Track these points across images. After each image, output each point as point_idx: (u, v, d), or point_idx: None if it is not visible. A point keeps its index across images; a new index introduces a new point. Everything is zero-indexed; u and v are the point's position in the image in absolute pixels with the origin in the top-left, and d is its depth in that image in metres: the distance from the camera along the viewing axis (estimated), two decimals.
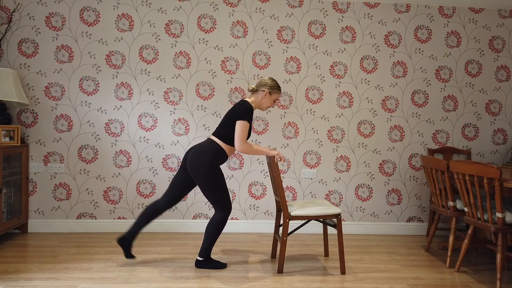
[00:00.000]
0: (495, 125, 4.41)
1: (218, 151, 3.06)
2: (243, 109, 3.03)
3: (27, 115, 4.04)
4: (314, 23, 4.25)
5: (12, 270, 3.04)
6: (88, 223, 4.11)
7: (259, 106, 3.21)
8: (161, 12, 4.12)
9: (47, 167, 4.07)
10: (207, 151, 3.03)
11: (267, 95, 3.16)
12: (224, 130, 3.08)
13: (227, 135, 3.07)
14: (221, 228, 3.09)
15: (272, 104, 3.23)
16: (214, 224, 3.07)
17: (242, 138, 3.02)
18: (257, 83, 3.20)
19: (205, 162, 3.00)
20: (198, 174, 3.02)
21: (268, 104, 3.21)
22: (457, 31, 4.35)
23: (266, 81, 3.16)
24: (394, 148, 4.34)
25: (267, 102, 3.20)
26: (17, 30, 4.01)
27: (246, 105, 3.06)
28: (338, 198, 4.32)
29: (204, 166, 3.00)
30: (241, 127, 3.01)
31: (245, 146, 3.03)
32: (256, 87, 3.18)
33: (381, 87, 4.31)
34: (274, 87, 3.17)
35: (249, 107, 3.05)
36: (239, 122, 3.01)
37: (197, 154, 3.04)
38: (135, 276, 2.98)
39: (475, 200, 3.30)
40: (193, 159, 3.04)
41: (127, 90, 4.12)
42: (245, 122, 3.01)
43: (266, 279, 2.99)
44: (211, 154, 3.02)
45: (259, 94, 3.18)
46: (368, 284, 2.94)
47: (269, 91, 3.15)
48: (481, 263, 3.48)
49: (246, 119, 3.01)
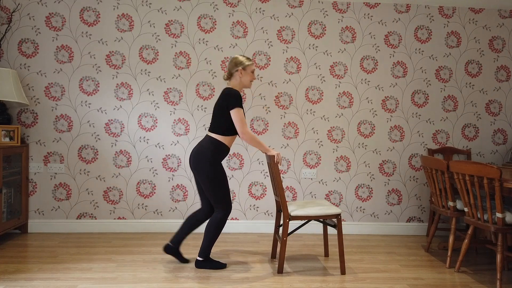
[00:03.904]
0: (495, 125, 4.41)
1: (217, 145, 3.07)
2: (231, 98, 3.03)
3: (27, 115, 4.04)
4: (314, 23, 4.25)
5: (12, 270, 3.04)
6: (88, 223, 4.11)
7: (242, 86, 3.20)
8: (161, 12, 4.12)
9: (47, 167, 4.07)
10: (207, 148, 3.05)
11: (242, 72, 3.15)
12: (219, 122, 3.09)
13: (223, 126, 3.08)
14: (220, 228, 3.10)
15: (253, 77, 3.21)
16: (214, 223, 3.08)
17: (243, 125, 3.03)
18: (228, 68, 3.21)
19: (208, 159, 3.03)
20: (201, 172, 3.04)
21: (248, 79, 3.18)
22: (457, 31, 4.35)
23: (235, 61, 3.16)
24: (394, 148, 4.34)
25: (246, 78, 3.17)
26: (17, 30, 4.01)
27: (233, 92, 3.06)
28: (338, 198, 4.32)
29: (207, 164, 3.02)
30: (238, 115, 3.02)
31: (249, 134, 3.04)
32: (229, 71, 3.18)
33: (381, 87, 4.31)
34: (244, 62, 3.16)
35: (236, 93, 3.05)
36: (233, 111, 3.02)
37: (198, 153, 3.07)
38: (135, 276, 2.98)
39: (475, 200, 3.30)
40: (196, 158, 3.07)
41: (127, 90, 4.12)
42: (238, 109, 3.03)
43: (266, 279, 2.99)
44: (211, 151, 3.04)
45: (235, 76, 3.17)
46: (368, 284, 2.94)
47: (242, 68, 3.15)
48: (481, 263, 3.48)
49: (238, 105, 3.03)
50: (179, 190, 4.19)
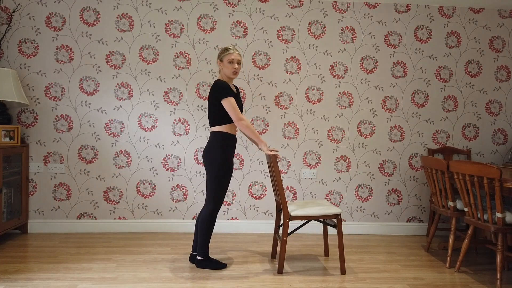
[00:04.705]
0: (495, 125, 4.41)
1: (223, 136, 3.09)
2: (219, 89, 3.05)
3: (27, 115, 4.04)
4: (314, 23, 4.25)
5: (12, 270, 3.04)
6: (88, 223, 4.11)
7: (227, 77, 3.17)
8: (161, 12, 4.12)
9: (47, 167, 4.07)
10: (215, 142, 3.08)
11: (221, 64, 3.16)
12: (214, 114, 3.10)
13: (219, 116, 3.09)
14: (212, 223, 3.10)
15: (233, 67, 3.12)
16: (206, 219, 3.08)
17: (236, 113, 3.04)
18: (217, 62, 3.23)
19: (219, 154, 3.05)
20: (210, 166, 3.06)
21: (229, 69, 3.12)
22: (457, 31, 4.35)
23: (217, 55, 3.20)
24: (394, 148, 4.34)
25: (226, 69, 3.13)
26: (17, 30, 4.01)
27: (219, 84, 3.07)
28: (338, 198, 4.32)
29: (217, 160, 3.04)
30: (229, 104, 3.03)
31: (244, 120, 3.05)
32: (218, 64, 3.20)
33: (381, 87, 4.31)
34: (220, 53, 3.17)
35: (222, 84, 3.07)
36: (224, 101, 3.03)
37: (208, 150, 3.10)
38: (135, 276, 2.98)
39: (475, 200, 3.30)
40: (206, 154, 3.10)
41: (127, 90, 4.12)
42: (229, 98, 3.03)
43: (266, 279, 2.99)
44: (218, 144, 3.07)
45: (219, 68, 3.20)
46: (368, 284, 2.94)
47: (219, 59, 3.16)
48: (481, 263, 3.48)
49: (227, 95, 3.03)
50: (179, 190, 4.19)
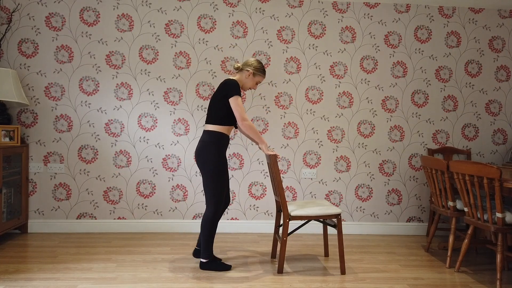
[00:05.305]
0: (495, 125, 4.41)
1: (218, 137, 3.07)
2: (230, 86, 3.04)
3: (27, 115, 4.04)
4: (314, 23, 4.25)
5: (12, 270, 3.04)
6: (88, 223, 4.11)
7: (242, 85, 3.21)
8: (161, 12, 4.12)
9: (47, 167, 4.07)
10: (209, 141, 3.05)
11: (250, 76, 3.17)
12: (215, 112, 3.07)
13: (219, 116, 3.07)
14: (215, 224, 3.09)
15: (254, 86, 3.24)
16: (208, 221, 3.07)
17: (242, 112, 3.02)
18: (243, 63, 3.23)
19: (213, 153, 3.03)
20: (206, 166, 3.04)
21: (250, 85, 3.21)
22: (457, 31, 4.35)
23: (252, 62, 3.18)
24: (394, 148, 4.34)
25: (250, 83, 3.19)
26: (17, 30, 4.01)
27: (232, 82, 3.06)
28: (338, 198, 4.32)
29: (212, 159, 3.02)
30: (237, 103, 3.02)
31: (248, 121, 3.04)
32: (242, 66, 3.19)
33: (381, 87, 4.31)
34: (259, 69, 3.18)
35: (235, 83, 3.06)
36: (232, 99, 3.02)
37: (202, 149, 3.07)
38: (135, 276, 2.98)
39: (475, 200, 3.30)
40: (200, 153, 3.07)
41: (127, 90, 4.12)
42: (237, 97, 3.02)
43: (266, 279, 2.99)
44: (214, 143, 3.05)
45: (243, 73, 3.19)
46: (368, 284, 2.94)
47: (253, 72, 3.16)
48: (481, 263, 3.48)
49: (236, 94, 3.02)
50: (179, 190, 4.19)
